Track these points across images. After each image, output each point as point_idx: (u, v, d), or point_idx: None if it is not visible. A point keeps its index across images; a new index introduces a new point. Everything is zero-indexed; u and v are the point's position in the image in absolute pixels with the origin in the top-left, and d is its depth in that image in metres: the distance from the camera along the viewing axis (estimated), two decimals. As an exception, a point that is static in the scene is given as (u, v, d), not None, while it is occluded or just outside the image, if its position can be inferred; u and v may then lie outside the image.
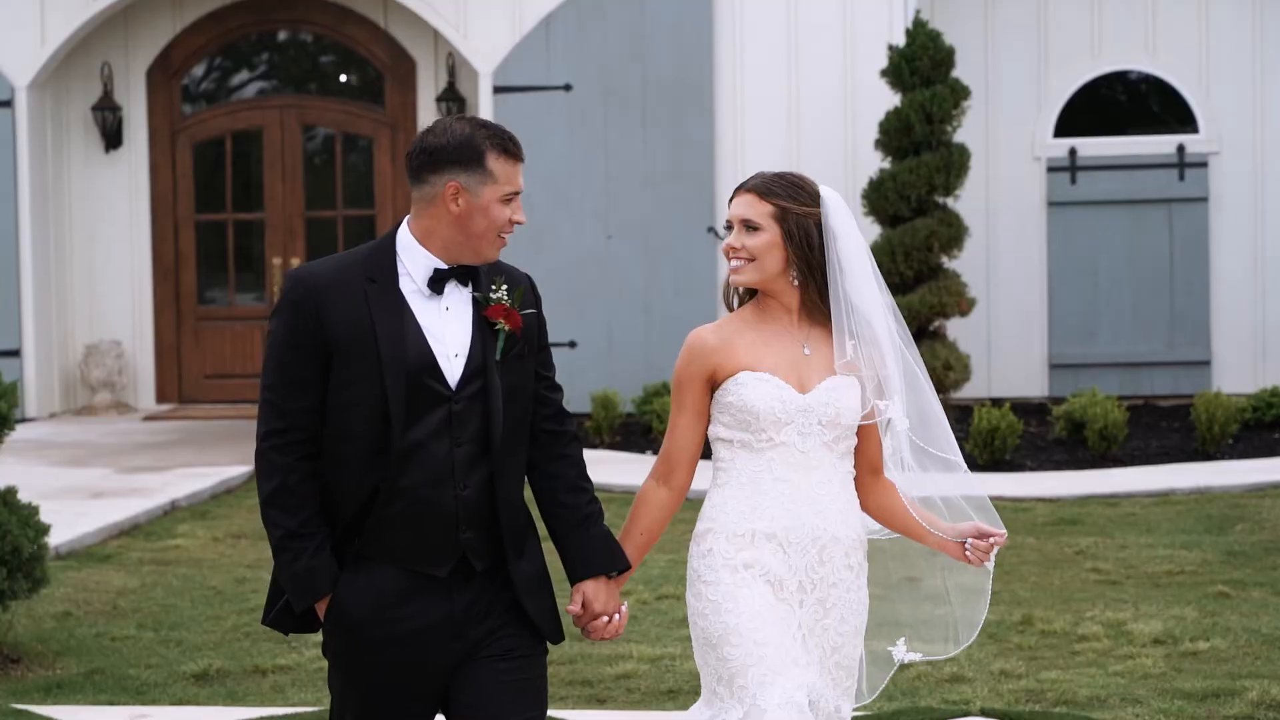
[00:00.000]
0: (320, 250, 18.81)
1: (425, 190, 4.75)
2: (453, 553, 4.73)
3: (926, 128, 16.01)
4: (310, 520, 4.73)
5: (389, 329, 4.67)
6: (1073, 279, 17.76)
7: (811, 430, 4.91)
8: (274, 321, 4.79)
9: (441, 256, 4.75)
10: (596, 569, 4.88)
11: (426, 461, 4.67)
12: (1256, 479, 13.84)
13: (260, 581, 10.82)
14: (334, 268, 4.77)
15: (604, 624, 4.91)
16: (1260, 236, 17.75)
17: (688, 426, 4.99)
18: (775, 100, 17.14)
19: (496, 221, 4.73)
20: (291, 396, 4.72)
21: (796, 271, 4.93)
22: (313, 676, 8.65)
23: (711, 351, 4.94)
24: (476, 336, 4.74)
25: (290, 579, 4.76)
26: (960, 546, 5.08)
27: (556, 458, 4.91)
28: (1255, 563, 11.06)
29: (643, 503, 5.03)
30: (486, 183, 4.71)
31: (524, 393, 4.81)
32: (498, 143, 4.73)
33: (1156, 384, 17.70)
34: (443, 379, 4.69)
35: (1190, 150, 17.76)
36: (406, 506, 4.68)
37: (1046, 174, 17.84)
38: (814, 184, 5.00)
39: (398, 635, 4.72)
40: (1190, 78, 17.85)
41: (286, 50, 19.35)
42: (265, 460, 4.76)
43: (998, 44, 17.97)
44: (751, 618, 4.85)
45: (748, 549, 4.90)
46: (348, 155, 19.01)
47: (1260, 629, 9.25)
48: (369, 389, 4.65)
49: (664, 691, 8.31)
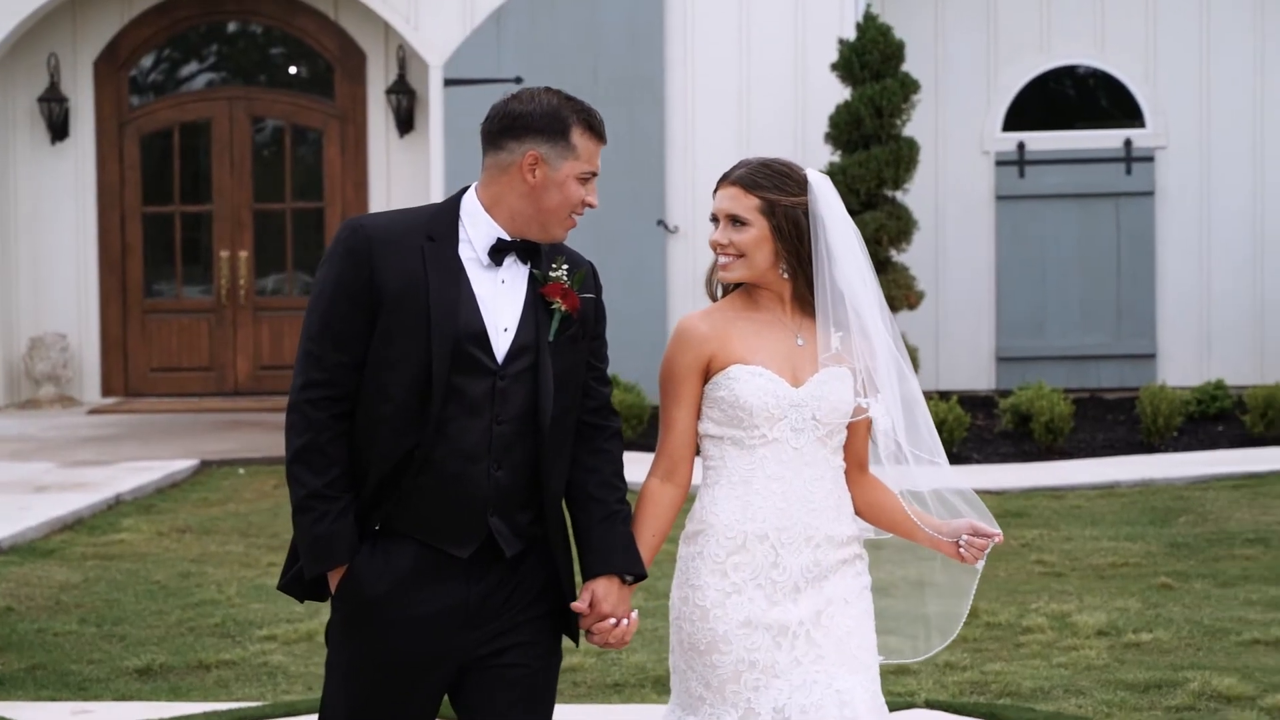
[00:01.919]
0: (269, 243, 18.76)
1: (501, 157, 4.57)
2: (478, 534, 4.53)
3: (876, 121, 16.03)
4: (337, 481, 4.51)
5: (442, 290, 4.48)
6: (1020, 272, 17.82)
7: (805, 426, 4.74)
8: (324, 270, 4.56)
9: (506, 227, 4.57)
10: (612, 567, 4.64)
11: (463, 435, 4.48)
12: (1200, 471, 13.90)
13: (204, 576, 10.79)
14: (393, 221, 4.59)
15: (610, 626, 4.64)
16: (1206, 231, 17.83)
17: (687, 419, 4.79)
18: (726, 93, 17.15)
19: (571, 199, 4.56)
20: (334, 349, 4.49)
21: (786, 265, 4.77)
22: (257, 671, 8.62)
23: (705, 339, 4.76)
24: (529, 314, 4.55)
25: (310, 542, 4.52)
26: (954, 545, 4.90)
27: (595, 451, 4.70)
28: (1198, 555, 11.11)
29: (650, 503, 4.80)
30: (568, 157, 4.55)
31: (574, 379, 4.62)
32: (585, 119, 4.58)
33: (1103, 377, 17.77)
34: (490, 351, 4.50)
35: (1137, 145, 17.84)
36: (437, 480, 4.49)
37: (995, 168, 17.90)
38: (801, 170, 4.84)
39: (412, 618, 4.51)
40: (1138, 73, 17.92)
41: (235, 42, 19.28)
42: (299, 413, 4.52)
43: (947, 38, 18.02)
44: (741, 625, 4.70)
45: (739, 552, 4.73)
46: (297, 147, 18.95)
47: (1202, 620, 9.30)
48: (414, 349, 4.46)
49: (609, 685, 8.31)
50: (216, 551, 11.57)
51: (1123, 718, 7.63)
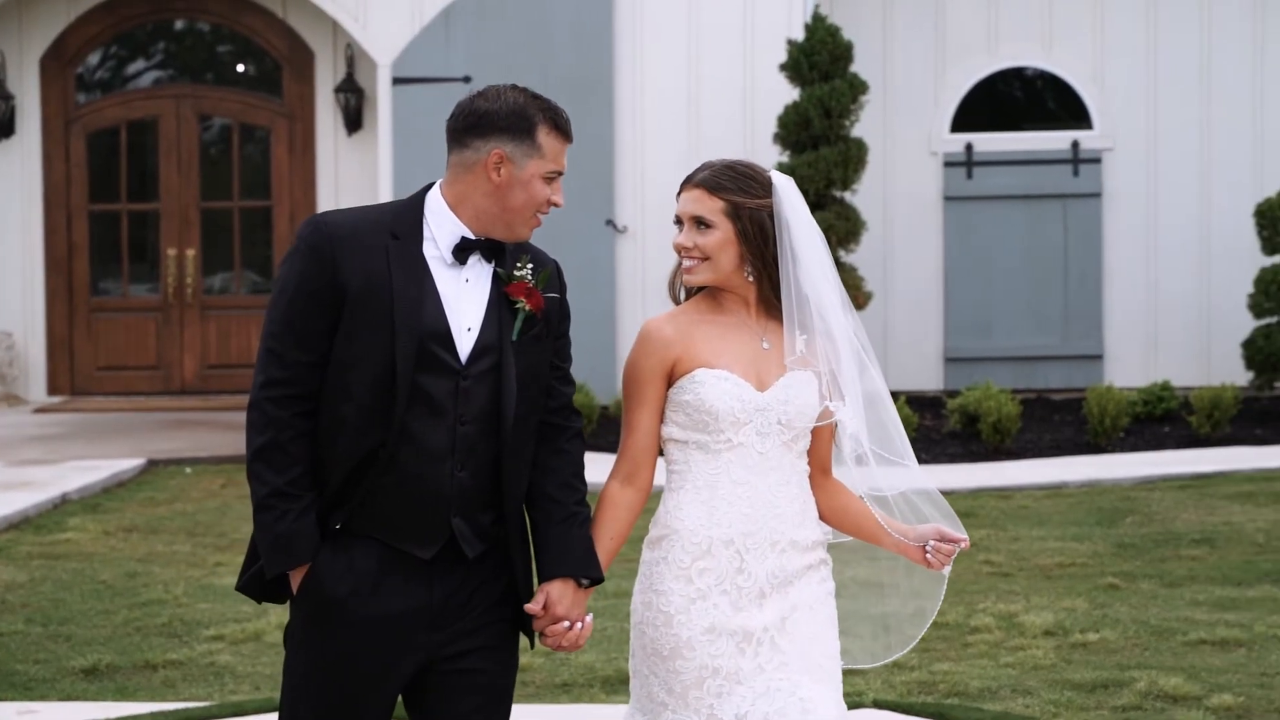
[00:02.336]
0: (216, 241, 18.70)
1: (466, 155, 4.53)
2: (441, 536, 4.49)
3: (825, 122, 16.06)
4: (299, 480, 4.46)
5: (406, 288, 4.44)
6: (968, 273, 17.87)
7: (770, 430, 4.70)
8: (286, 267, 4.51)
9: (471, 226, 4.54)
10: (568, 570, 4.60)
11: (426, 436, 4.44)
12: (1146, 472, 13.96)
13: (151, 576, 10.74)
14: (356, 218, 4.55)
15: (564, 629, 4.60)
16: (1152, 232, 17.91)
17: (649, 423, 4.74)
18: (675, 94, 17.16)
19: (536, 198, 4.53)
20: (296, 347, 4.45)
21: (751, 267, 4.72)
22: (203, 671, 8.59)
23: (671, 343, 4.72)
24: (493, 313, 4.52)
25: (270, 541, 4.46)
26: (920, 550, 4.86)
27: (556, 451, 4.66)
28: (1144, 555, 11.16)
29: (610, 506, 4.75)
30: (533, 156, 4.52)
31: (537, 380, 4.59)
32: (551, 117, 4.56)
33: (1050, 378, 17.84)
34: (454, 350, 4.47)
35: (1085, 146, 17.91)
36: (400, 480, 4.45)
37: (943, 169, 17.95)
38: (765, 171, 4.80)
39: (375, 617, 4.46)
40: (1085, 75, 18.00)
41: (183, 39, 19.21)
42: (260, 411, 4.47)
43: (896, 40, 18.06)
44: (705, 631, 4.65)
45: (704, 558, 4.68)
46: (244, 146, 18.89)
47: (1149, 620, 9.34)
48: (377, 348, 4.42)
49: (558, 685, 8.30)
50: (163, 551, 11.52)
51: (1069, 717, 7.66)
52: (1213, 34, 17.86)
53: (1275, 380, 16.50)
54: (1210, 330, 17.79)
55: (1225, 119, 17.88)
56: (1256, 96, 17.87)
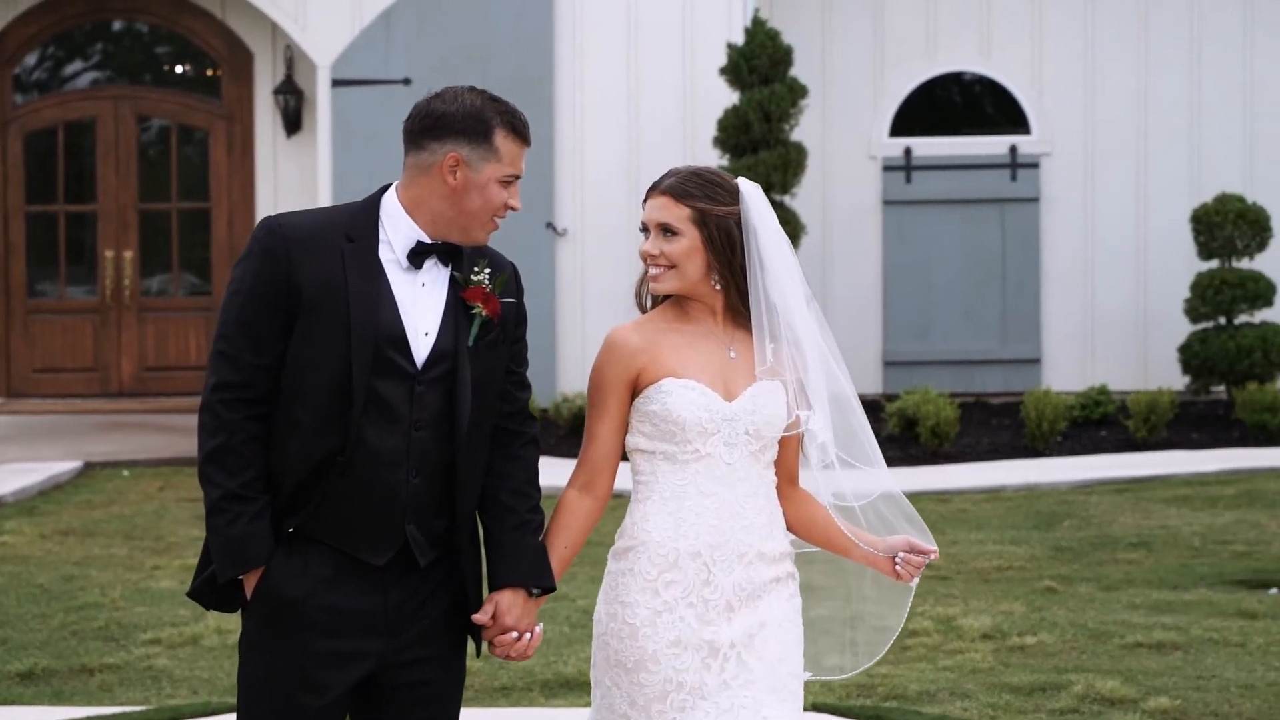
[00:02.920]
0: (154, 243, 18.61)
1: (422, 157, 4.48)
2: (394, 542, 4.44)
3: (764, 126, 16.10)
4: (252, 483, 4.40)
5: (362, 292, 4.39)
6: (907, 277, 17.93)
7: (738, 440, 4.64)
8: (240, 269, 4.44)
9: (427, 230, 4.48)
10: (519, 579, 4.54)
11: (381, 441, 4.39)
12: (1083, 476, 14.04)
13: (87, 579, 10.69)
14: (312, 220, 4.49)
15: (512, 640, 4.55)
16: (1089, 237, 18.01)
17: (611, 432, 4.68)
18: (615, 97, 17.17)
19: (492, 202, 4.49)
20: (249, 350, 4.39)
21: (718, 275, 4.67)
22: (141, 676, 8.55)
23: (637, 352, 4.65)
24: (449, 318, 4.47)
25: (224, 544, 4.40)
26: (890, 561, 4.80)
27: (510, 457, 4.60)
28: (1082, 558, 11.22)
29: (566, 513, 4.70)
30: (490, 160, 4.46)
31: (493, 385, 4.54)
32: (508, 120, 4.49)
33: (988, 381, 17.90)
34: (409, 355, 4.42)
35: (1022, 151, 17.99)
36: (354, 486, 4.39)
37: (882, 173, 18.00)
38: (731, 179, 4.73)
39: (331, 619, 4.41)
40: (1023, 80, 18.08)
41: (121, 40, 19.12)
42: (211, 414, 4.41)
43: (835, 44, 18.11)
44: (671, 644, 4.59)
45: (671, 570, 4.62)
46: (183, 147, 18.80)
47: (1086, 623, 9.39)
48: (333, 352, 4.37)
49: (497, 689, 8.30)
50: (100, 554, 11.46)
51: (1007, 720, 7.70)
52: (1150, 40, 17.97)
53: (1211, 385, 16.62)
54: (1147, 335, 17.89)
55: (1162, 124, 17.98)
56: (1193, 102, 17.98)
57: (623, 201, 16.95)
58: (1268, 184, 17.77)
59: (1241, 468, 14.26)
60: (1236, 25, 17.93)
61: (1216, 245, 16.62)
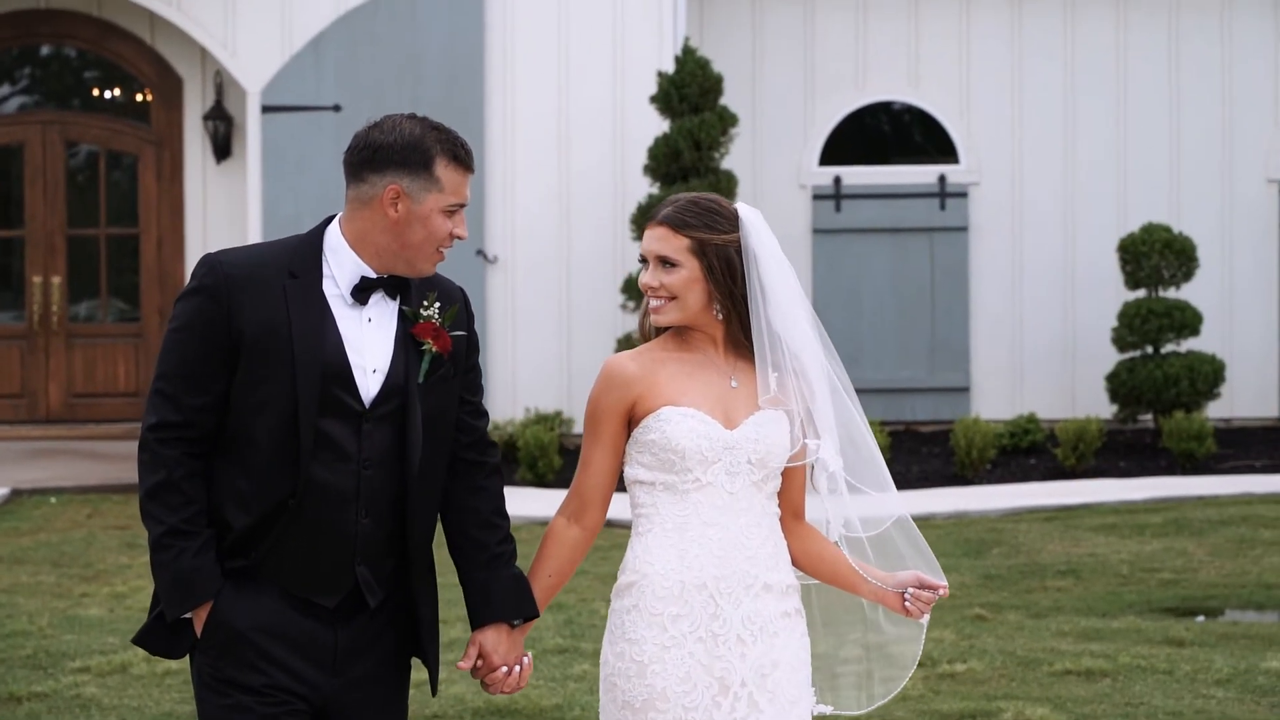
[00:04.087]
0: (82, 268, 18.50)
1: (363, 190, 4.39)
2: (345, 584, 4.36)
3: (695, 154, 16.14)
4: (195, 518, 4.30)
5: (306, 331, 4.29)
6: (837, 305, 17.98)
7: (740, 470, 4.55)
8: (180, 306, 4.35)
9: (372, 264, 4.38)
10: (500, 614, 4.48)
11: (330, 481, 4.31)
12: (1012, 504, 14.10)
13: (15, 607, 10.61)
14: (253, 256, 4.38)
15: (504, 676, 4.49)
16: (1017, 266, 18.11)
17: (604, 461, 4.59)
18: (546, 124, 17.18)
19: (436, 234, 4.37)
20: (188, 390, 4.30)
21: (720, 305, 4.58)
22: (69, 704, 8.49)
23: (633, 381, 4.57)
24: (399, 354, 4.38)
25: (170, 580, 4.29)
26: (899, 597, 4.71)
27: (474, 490, 4.52)
28: (1011, 586, 11.27)
29: (553, 542, 4.62)
30: (431, 190, 4.36)
31: (446, 419, 4.45)
32: (449, 148, 4.39)
33: (918, 409, 17.98)
34: (356, 393, 4.32)
35: (951, 180, 18.09)
36: (303, 529, 4.31)
37: (812, 201, 18.06)
38: (731, 206, 4.62)
39: (284, 651, 4.32)
40: (952, 110, 18.19)
41: (49, 65, 19.02)
42: (150, 453, 4.32)
43: (765, 72, 18.18)
44: (681, 680, 4.50)
45: (677, 603, 4.53)
46: (111, 173, 18.71)
47: (1016, 651, 9.42)
48: (279, 393, 4.28)
49: (427, 716, 8.27)
50: (28, 582, 11.38)
51: (938, 747, 7.73)
52: (1077, 72, 18.10)
53: (1139, 413, 16.73)
54: (1075, 363, 18.00)
55: (1089, 154, 18.11)
56: (1119, 132, 18.12)
57: (553, 229, 16.97)
58: (1194, 214, 17.93)
59: (1169, 496, 14.35)
60: (1162, 60, 18.08)
61: (1143, 275, 16.74)
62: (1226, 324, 17.88)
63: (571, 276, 17.04)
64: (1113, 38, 18.11)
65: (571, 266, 17.01)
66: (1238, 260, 18.04)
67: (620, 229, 16.88)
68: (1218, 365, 16.57)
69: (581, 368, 16.92)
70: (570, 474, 15.30)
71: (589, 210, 17.03)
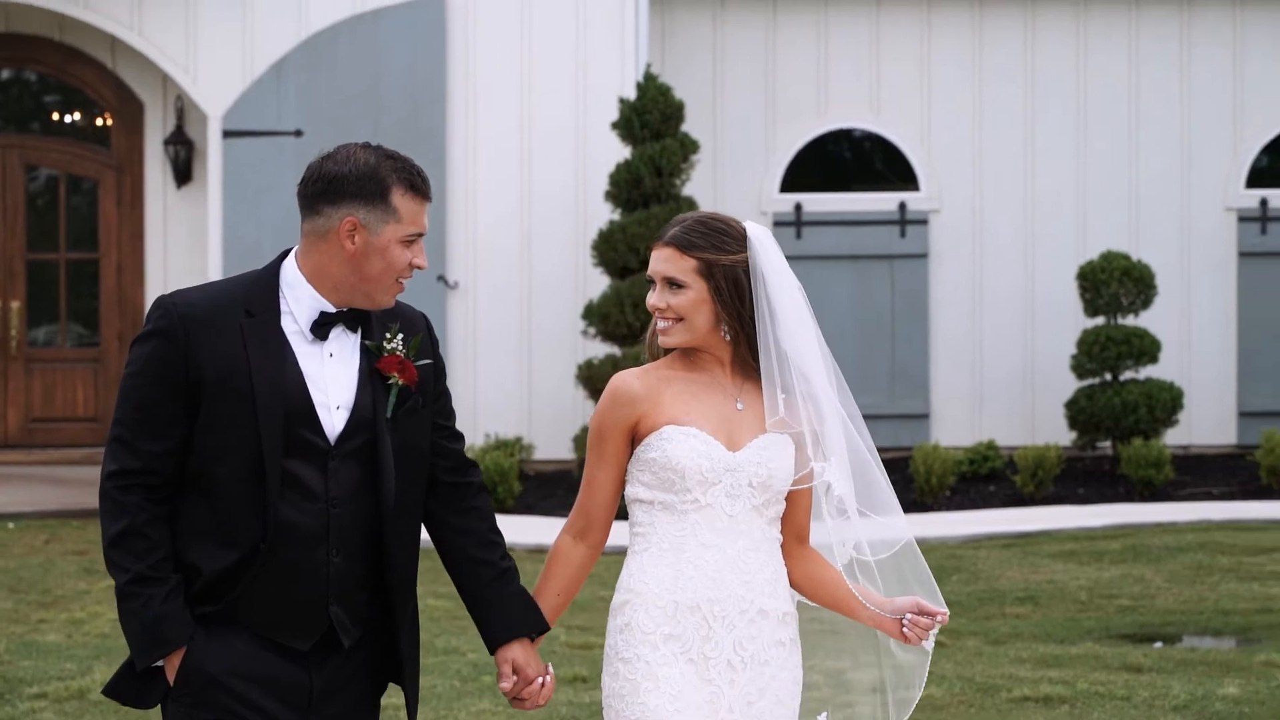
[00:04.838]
0: (42, 293, 18.44)
1: (318, 223, 4.27)
2: (318, 626, 4.30)
3: (656, 180, 16.17)
4: (161, 564, 4.20)
5: (266, 370, 4.20)
6: (798, 332, 18.00)
7: (741, 492, 4.49)
8: (136, 350, 4.25)
9: (331, 298, 4.29)
10: (522, 629, 4.45)
11: (299, 522, 4.22)
12: (972, 530, 14.13)
13: (-27, 632, 10.56)
14: (209, 297, 4.28)
15: (538, 687, 4.47)
16: (977, 293, 18.17)
17: (608, 479, 4.55)
18: (507, 149, 17.19)
19: (395, 265, 4.27)
20: (147, 436, 4.21)
21: (728, 327, 4.51)
22: (26, 730, 8.46)
23: (637, 399, 4.50)
24: (365, 389, 4.29)
25: (138, 628, 4.20)
26: (898, 623, 4.67)
27: (464, 511, 4.46)
28: (970, 613, 11.29)
29: (559, 561, 4.57)
30: (389, 221, 4.25)
31: (419, 451, 4.37)
32: (405, 178, 4.27)
33: (877, 436, 17.59)
34: (320, 430, 4.24)
35: (911, 208, 18.15)
36: (274, 573, 4.23)
37: (773, 228, 18.08)
38: (739, 224, 4.55)
39: (259, 693, 4.24)
40: (912, 137, 18.25)
41: (9, 89, 18.97)
42: (110, 501, 4.23)
43: (726, 99, 18.22)
44: (673, 699, 4.44)
45: (669, 623, 4.48)
46: (71, 197, 18.66)
47: (974, 677, 9.44)
48: (242, 435, 4.19)
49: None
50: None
51: (897, 774, 7.72)
52: (1036, 99, 18.18)
53: (1097, 440, 16.78)
54: (1034, 390, 18.05)
55: (1049, 182, 18.19)
56: (1079, 160, 18.20)
57: (514, 254, 16.97)
58: (1153, 242, 18.01)
59: (1127, 523, 14.40)
60: (1122, 89, 18.17)
61: (1102, 302, 16.81)
62: (1185, 352, 17.96)
63: (533, 302, 17.05)
64: (1073, 65, 18.19)
65: (532, 292, 17.03)
66: (1196, 288, 18.12)
67: (581, 255, 16.90)
68: (1176, 393, 16.63)
69: (542, 393, 16.93)
70: (531, 500, 15.31)
71: (550, 235, 17.05)
